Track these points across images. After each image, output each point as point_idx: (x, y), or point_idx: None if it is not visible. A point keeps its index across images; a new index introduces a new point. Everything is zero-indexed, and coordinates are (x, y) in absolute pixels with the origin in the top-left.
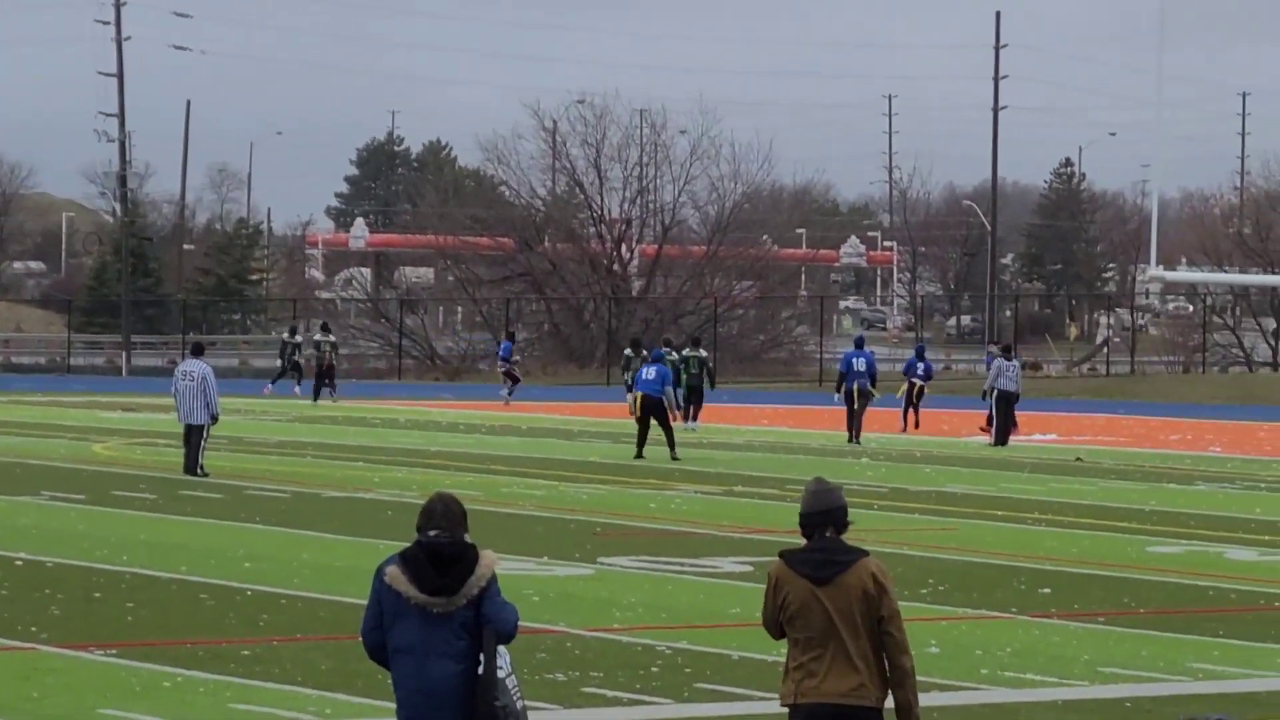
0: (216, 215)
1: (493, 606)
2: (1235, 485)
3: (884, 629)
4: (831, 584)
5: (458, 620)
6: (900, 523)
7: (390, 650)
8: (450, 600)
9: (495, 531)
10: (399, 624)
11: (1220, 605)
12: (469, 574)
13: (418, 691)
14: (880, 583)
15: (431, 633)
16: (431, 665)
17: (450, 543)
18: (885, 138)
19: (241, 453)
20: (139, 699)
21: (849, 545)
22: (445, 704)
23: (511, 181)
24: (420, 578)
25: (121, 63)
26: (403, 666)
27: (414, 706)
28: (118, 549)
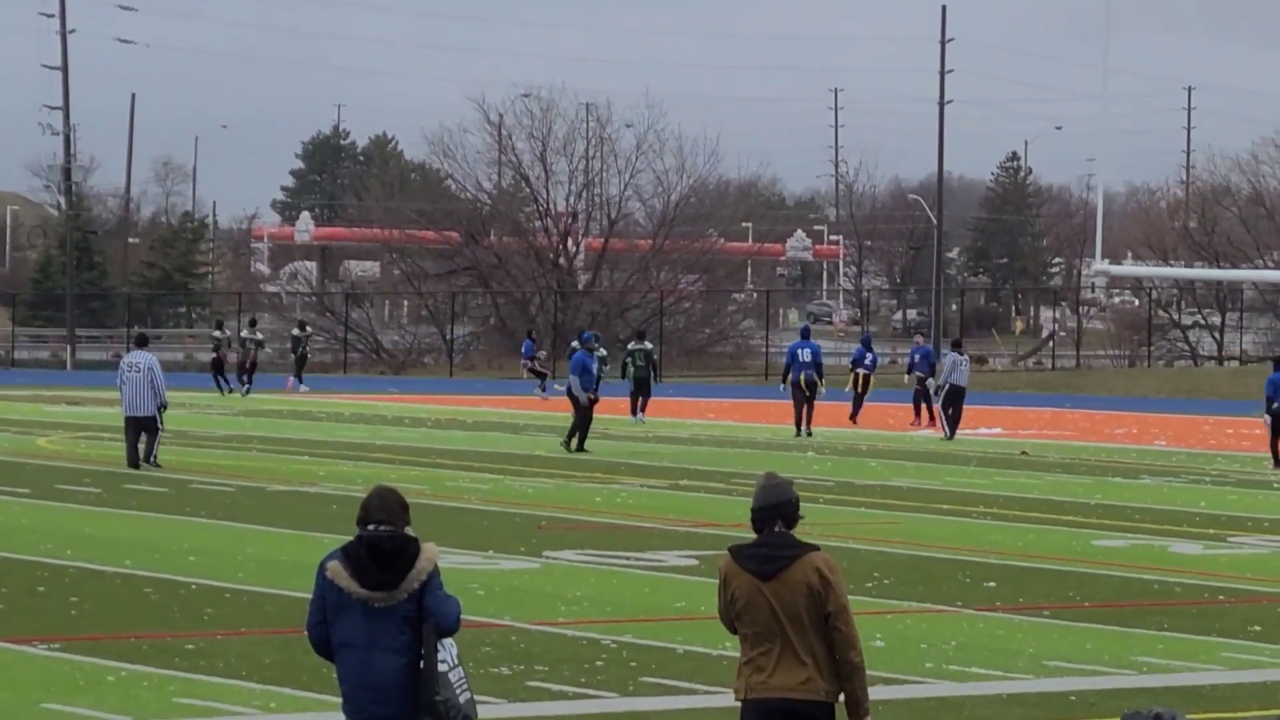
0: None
1: (434, 600)
2: (1180, 479)
3: (831, 624)
4: (776, 579)
5: (400, 614)
6: (846, 516)
7: (335, 645)
8: (391, 594)
9: (441, 525)
10: (342, 619)
11: (1165, 599)
12: (409, 568)
13: (362, 686)
14: (826, 578)
15: (374, 627)
16: (375, 659)
17: (390, 536)
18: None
19: (186, 447)
20: (83, 693)
21: (797, 540)
22: (389, 698)
23: (457, 175)
24: (361, 573)
25: (66, 56)
26: (347, 661)
27: (359, 701)
28: (62, 543)
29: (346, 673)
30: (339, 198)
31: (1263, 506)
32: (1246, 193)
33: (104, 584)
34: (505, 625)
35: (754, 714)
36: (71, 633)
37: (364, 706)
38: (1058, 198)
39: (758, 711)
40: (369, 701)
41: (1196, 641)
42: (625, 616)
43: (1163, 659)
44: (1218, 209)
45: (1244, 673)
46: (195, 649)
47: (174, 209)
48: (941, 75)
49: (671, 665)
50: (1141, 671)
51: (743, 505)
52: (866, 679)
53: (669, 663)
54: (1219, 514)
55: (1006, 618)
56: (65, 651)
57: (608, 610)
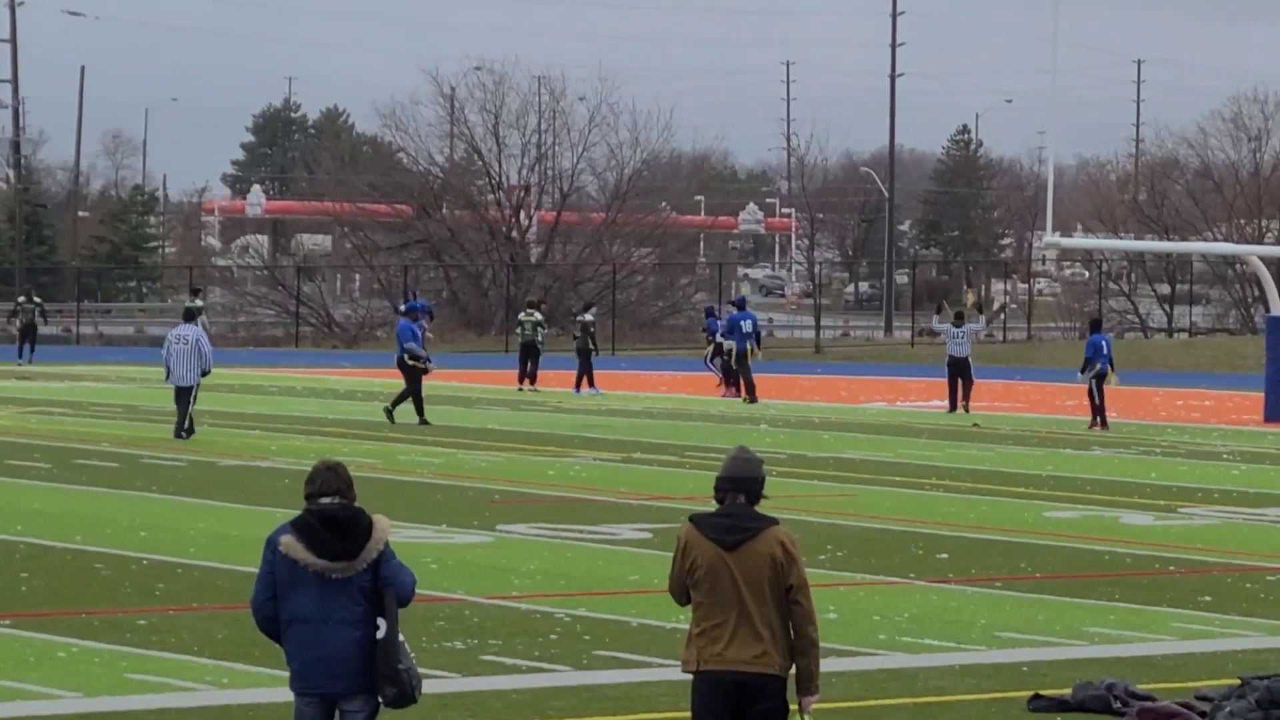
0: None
1: (390, 569)
2: (1131, 450)
3: (792, 598)
4: (740, 550)
5: (356, 585)
6: (799, 489)
7: (285, 621)
8: (350, 564)
9: (393, 499)
10: (295, 593)
11: (1116, 570)
12: (367, 538)
13: (316, 660)
14: (789, 551)
15: (329, 600)
16: (329, 632)
17: (344, 507)
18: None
19: (137, 421)
20: (33, 669)
21: (758, 513)
22: (344, 671)
23: (409, 148)
24: (318, 544)
25: (14, 28)
26: (299, 636)
27: (310, 676)
28: (11, 518)
29: (297, 648)
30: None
31: (1213, 478)
32: (1195, 166)
33: (54, 559)
34: (459, 599)
35: (707, 687)
36: (21, 609)
37: (317, 680)
38: (1008, 170)
39: (711, 684)
40: (323, 675)
41: (1148, 612)
42: (579, 590)
43: (1114, 629)
44: (1166, 182)
45: (1194, 643)
46: (147, 624)
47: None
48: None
49: (626, 638)
50: (1093, 642)
51: (695, 478)
52: (820, 654)
53: (623, 636)
54: (1169, 485)
55: (959, 589)
56: (15, 628)
57: (561, 584)
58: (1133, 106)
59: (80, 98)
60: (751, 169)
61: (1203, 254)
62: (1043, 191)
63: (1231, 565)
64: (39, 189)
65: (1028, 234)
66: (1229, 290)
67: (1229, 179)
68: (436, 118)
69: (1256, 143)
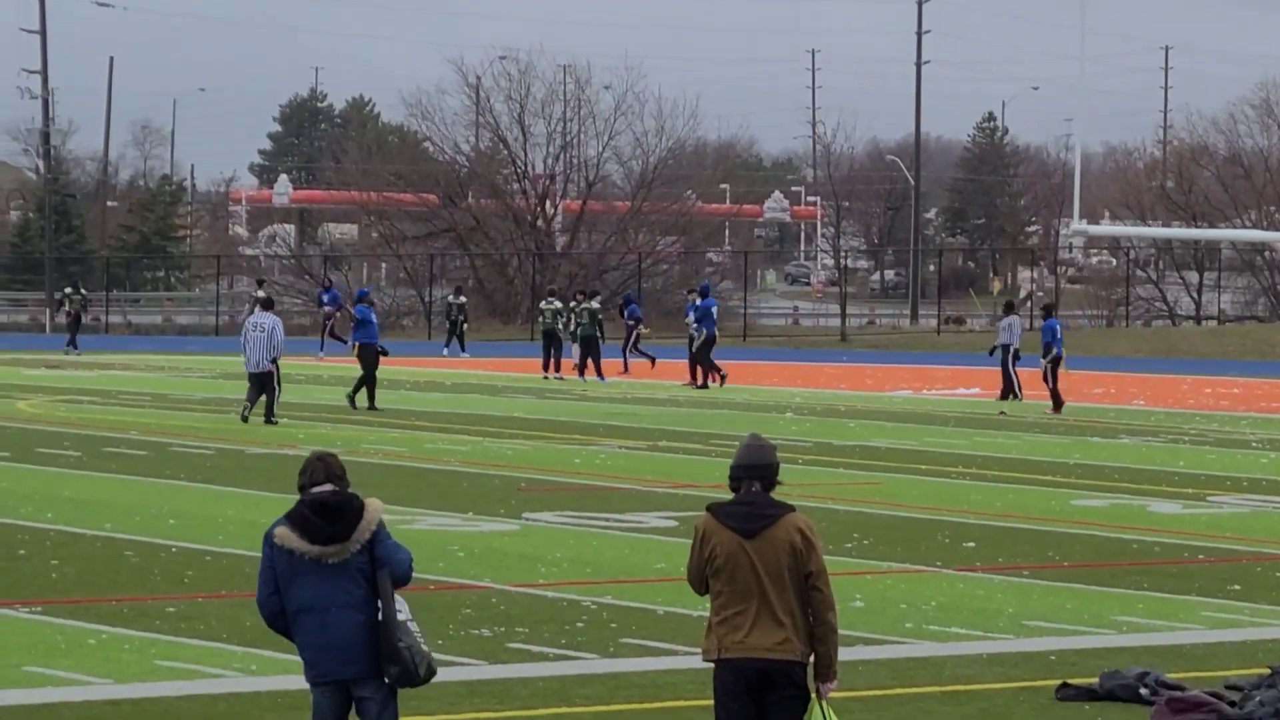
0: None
1: (385, 549)
2: (1159, 438)
3: (812, 584)
4: (759, 537)
5: (354, 567)
6: (826, 477)
7: (291, 612)
8: (343, 547)
9: (420, 487)
10: (296, 584)
11: (1144, 558)
12: (358, 520)
13: (323, 647)
14: (808, 538)
15: (329, 586)
16: (333, 618)
17: (334, 493)
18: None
19: (166, 409)
20: (64, 656)
21: (775, 500)
22: (353, 656)
23: (435, 137)
24: (311, 532)
25: (44, 19)
26: (305, 625)
27: (321, 663)
28: (42, 506)
29: (307, 638)
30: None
31: (1241, 466)
32: (1223, 153)
33: (85, 547)
34: (485, 587)
35: (729, 674)
36: (52, 595)
37: (329, 668)
38: (1035, 158)
39: (733, 671)
40: (334, 662)
41: (1176, 601)
42: (605, 578)
43: (1142, 618)
44: (1195, 169)
45: (1223, 632)
46: (176, 612)
47: (152, 172)
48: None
49: (652, 626)
50: (1121, 631)
51: (721, 466)
52: (839, 640)
53: (649, 624)
54: (1198, 473)
55: (986, 578)
56: (46, 614)
57: (587, 572)
58: (1160, 93)
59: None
60: (777, 157)
61: (1231, 241)
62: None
63: (1261, 554)
64: (68, 179)
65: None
66: (1258, 277)
67: (1258, 165)
68: (462, 107)
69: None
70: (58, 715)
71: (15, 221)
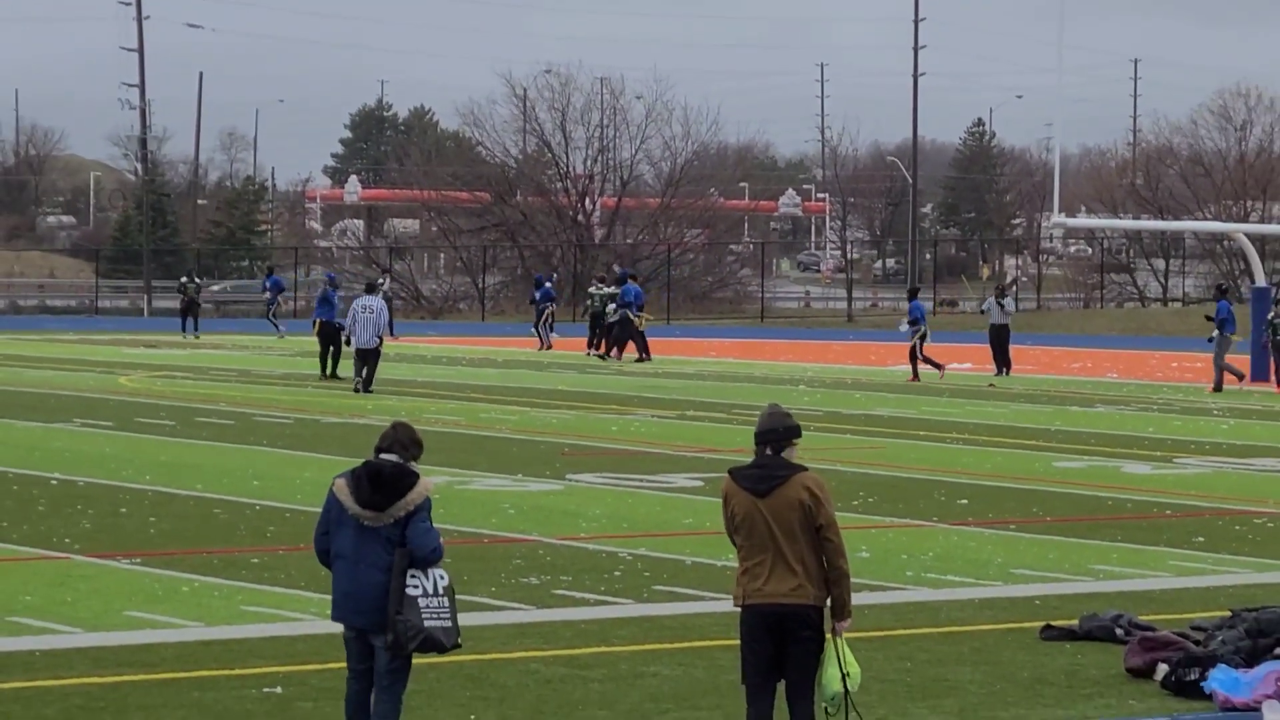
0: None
1: (414, 530)
2: (1130, 407)
3: (822, 535)
4: (770, 496)
5: (384, 535)
6: (834, 442)
7: (333, 555)
8: (378, 516)
9: (475, 452)
10: (339, 532)
11: (1118, 514)
12: (400, 496)
13: (346, 594)
14: (815, 494)
15: (363, 543)
16: (361, 572)
17: (392, 465)
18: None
19: (250, 384)
20: (161, 602)
21: (788, 462)
22: (368, 608)
23: (487, 142)
24: (358, 492)
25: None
26: (338, 570)
27: (343, 607)
28: (141, 469)
29: (337, 581)
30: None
31: (1204, 431)
32: (1186, 153)
33: (178, 505)
34: (534, 540)
35: (752, 618)
36: (150, 549)
37: (347, 614)
38: (1019, 158)
39: (755, 616)
40: (351, 610)
41: (1147, 551)
42: (639, 532)
43: (1117, 567)
44: (1161, 168)
45: (1189, 579)
46: (260, 562)
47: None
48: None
49: (681, 575)
50: (1098, 578)
51: (742, 432)
52: (851, 585)
53: (679, 573)
54: (1165, 438)
55: (977, 531)
56: (145, 565)
57: (624, 526)
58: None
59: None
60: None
61: (1194, 232)
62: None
63: (1222, 509)
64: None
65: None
66: (1217, 264)
67: (1217, 165)
68: (511, 115)
69: (1241, 133)
70: (156, 654)
71: (117, 218)
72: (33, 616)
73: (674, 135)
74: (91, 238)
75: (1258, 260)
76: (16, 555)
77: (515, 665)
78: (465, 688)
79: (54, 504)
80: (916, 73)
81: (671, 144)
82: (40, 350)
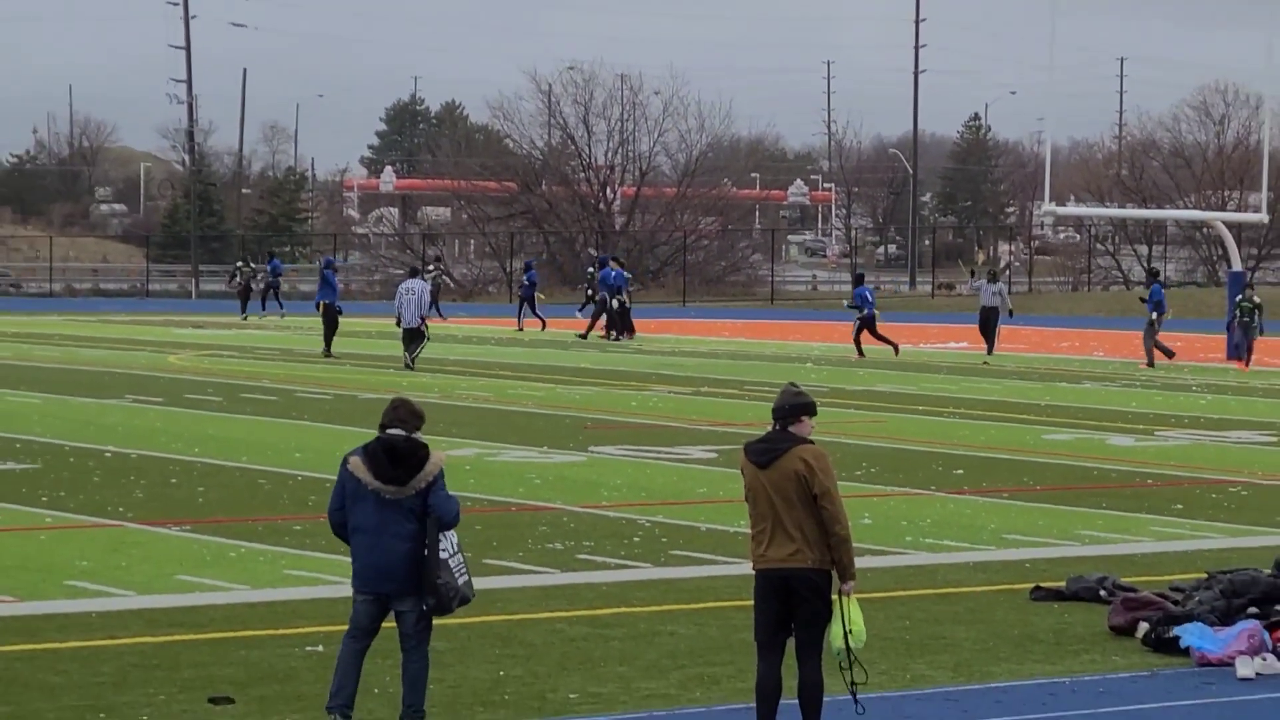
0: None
1: (437, 498)
2: (1115, 384)
3: (820, 504)
4: (771, 467)
5: (406, 506)
6: (839, 417)
7: (350, 529)
8: (401, 489)
9: (503, 426)
10: (358, 506)
11: (1103, 483)
12: (418, 469)
13: (370, 565)
14: (810, 465)
15: (385, 515)
16: (384, 543)
17: (405, 439)
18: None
19: (293, 361)
20: (209, 567)
21: (791, 435)
22: (393, 576)
23: (514, 135)
24: (377, 468)
25: (189, 38)
26: (360, 543)
27: (367, 578)
28: (190, 443)
29: (358, 552)
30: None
31: (1183, 406)
32: (1168, 146)
33: (225, 476)
34: (558, 508)
35: (762, 581)
36: (199, 517)
37: (371, 582)
38: (1012, 151)
39: (763, 578)
40: (376, 578)
41: (1129, 518)
42: (657, 500)
43: (1101, 532)
44: (1145, 159)
45: (1169, 543)
46: (301, 530)
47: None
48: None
49: (696, 541)
50: (1084, 543)
51: (754, 407)
52: (852, 549)
53: (694, 539)
54: (1147, 412)
55: (972, 499)
56: (194, 532)
57: (642, 495)
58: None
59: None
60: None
61: (1175, 220)
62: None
63: (1200, 479)
64: (209, 170)
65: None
66: (1197, 250)
67: (1197, 157)
68: (537, 109)
69: (1220, 127)
70: (205, 615)
71: (166, 206)
72: (89, 580)
73: (690, 128)
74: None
75: (1234, 246)
76: (74, 523)
77: (541, 625)
78: (495, 646)
79: (108, 475)
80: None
81: (687, 137)
82: (94, 331)
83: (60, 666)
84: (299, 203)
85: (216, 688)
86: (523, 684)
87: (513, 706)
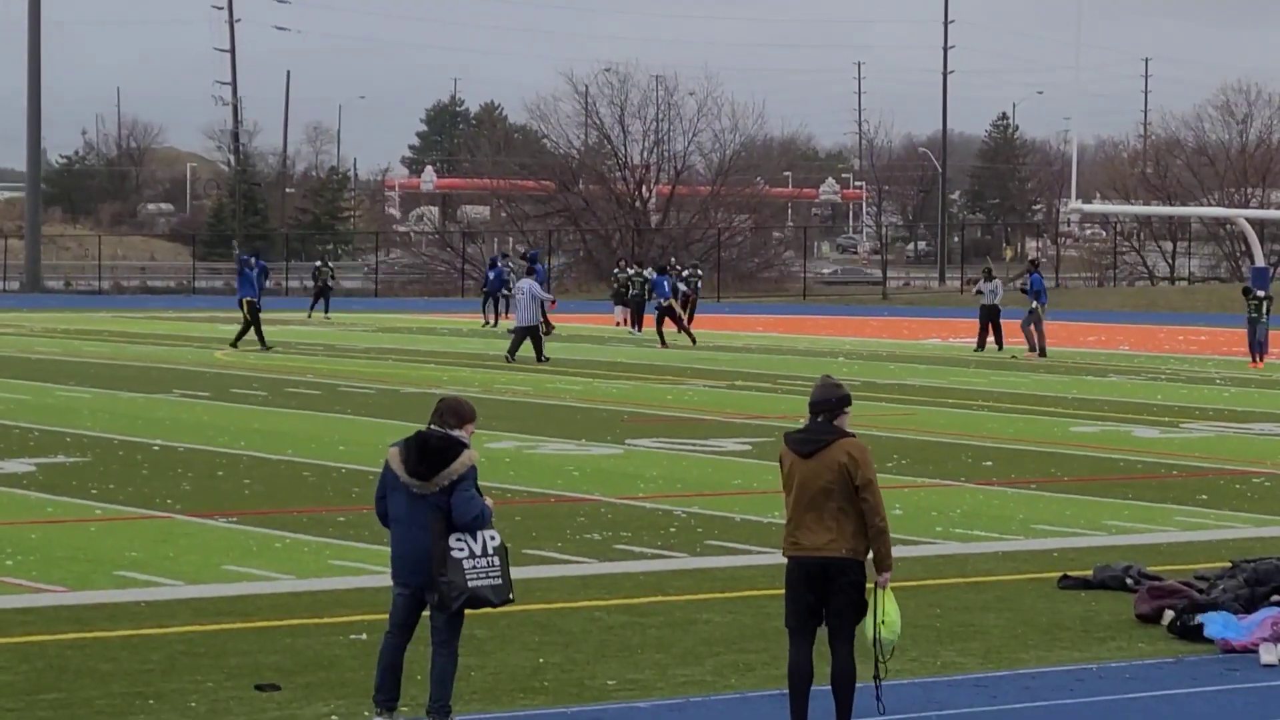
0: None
1: (459, 498)
2: (1140, 377)
3: (861, 495)
4: (813, 458)
5: (432, 502)
6: (870, 409)
7: (390, 518)
8: (425, 484)
9: (542, 419)
10: (393, 497)
11: (1129, 474)
12: (444, 466)
13: (401, 556)
14: (854, 457)
15: (414, 508)
16: (413, 535)
17: (440, 436)
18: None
19: (336, 358)
20: (255, 557)
21: (835, 428)
22: (420, 568)
23: (552, 135)
24: (407, 461)
25: (234, 41)
26: (395, 533)
27: (399, 568)
28: (236, 436)
29: (394, 542)
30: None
31: (1208, 399)
32: (1192, 145)
33: (270, 469)
34: (596, 500)
35: (794, 569)
36: (245, 508)
37: (401, 573)
38: (1039, 149)
39: (797, 566)
40: (405, 570)
41: (1155, 508)
42: (692, 492)
43: (1127, 522)
44: (1169, 158)
45: (1194, 533)
46: (345, 521)
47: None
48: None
49: (731, 531)
50: (1111, 533)
51: (787, 401)
52: (890, 541)
53: (729, 529)
54: (1172, 405)
55: (1000, 490)
56: (240, 523)
57: (678, 487)
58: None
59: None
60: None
61: (1199, 216)
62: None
63: (1224, 470)
64: (254, 170)
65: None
66: (1220, 246)
67: (1220, 155)
68: (574, 110)
69: (1243, 126)
70: (251, 604)
71: (211, 205)
72: (138, 571)
73: (723, 128)
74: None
75: (1257, 242)
76: (123, 515)
77: (580, 613)
78: (535, 633)
79: (156, 468)
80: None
81: (721, 136)
82: (142, 327)
83: (110, 654)
84: (341, 202)
85: (263, 675)
86: (561, 671)
87: (552, 693)
